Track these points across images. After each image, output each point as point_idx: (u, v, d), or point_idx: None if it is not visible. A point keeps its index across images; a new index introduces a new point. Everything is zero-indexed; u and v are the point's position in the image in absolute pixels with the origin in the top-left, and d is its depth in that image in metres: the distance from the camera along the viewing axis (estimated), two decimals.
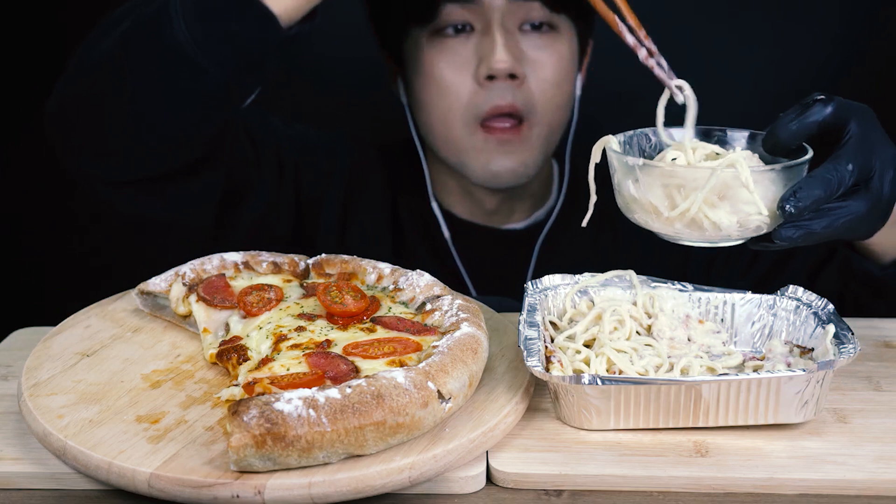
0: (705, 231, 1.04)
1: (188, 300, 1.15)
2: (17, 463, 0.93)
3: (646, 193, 1.06)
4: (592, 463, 0.92)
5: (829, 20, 2.18)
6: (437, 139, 1.62)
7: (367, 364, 0.96)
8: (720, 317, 1.13)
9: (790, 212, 0.99)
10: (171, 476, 0.85)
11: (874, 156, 1.03)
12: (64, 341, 1.12)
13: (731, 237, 1.05)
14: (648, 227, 1.10)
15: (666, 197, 1.05)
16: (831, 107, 1.03)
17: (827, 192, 1.00)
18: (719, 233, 1.04)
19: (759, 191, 1.01)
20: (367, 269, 1.19)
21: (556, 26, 1.56)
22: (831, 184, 1.00)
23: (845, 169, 1.01)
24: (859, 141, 1.03)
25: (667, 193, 1.05)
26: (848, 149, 1.02)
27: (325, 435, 0.84)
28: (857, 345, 0.97)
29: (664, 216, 1.05)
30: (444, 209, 1.73)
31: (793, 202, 0.99)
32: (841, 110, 1.04)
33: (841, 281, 1.45)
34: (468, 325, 1.02)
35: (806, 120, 1.03)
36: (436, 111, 1.58)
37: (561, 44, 1.57)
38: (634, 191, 1.07)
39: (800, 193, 0.99)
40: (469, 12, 1.50)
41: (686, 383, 0.94)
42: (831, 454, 0.94)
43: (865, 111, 1.07)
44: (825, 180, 1.00)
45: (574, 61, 1.62)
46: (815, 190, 0.99)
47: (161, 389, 1.02)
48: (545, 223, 1.73)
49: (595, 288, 1.15)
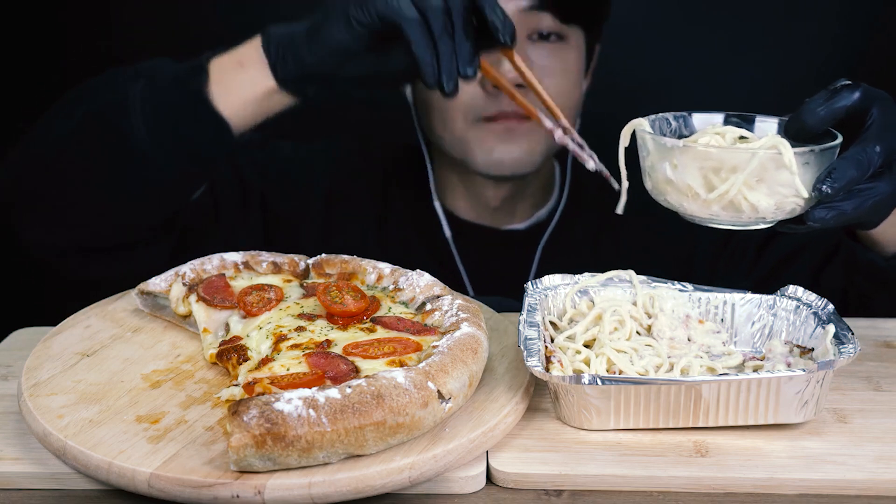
0: (742, 213, 1.05)
1: (188, 300, 1.15)
2: (17, 463, 0.93)
3: (683, 175, 1.06)
4: (592, 463, 0.92)
5: (828, 20, 2.19)
6: (441, 137, 1.63)
7: (367, 364, 0.96)
8: (720, 317, 1.13)
9: (826, 192, 1.01)
10: (171, 476, 0.85)
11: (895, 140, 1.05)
12: (64, 341, 1.12)
13: (765, 219, 1.06)
14: (682, 209, 1.09)
15: (702, 179, 1.05)
16: (859, 92, 1.04)
17: (860, 172, 1.02)
18: (756, 215, 1.05)
19: (801, 176, 1.02)
20: (367, 269, 1.19)
21: (565, 36, 1.57)
22: (862, 165, 1.02)
23: (874, 151, 1.03)
24: (883, 125, 1.04)
25: (703, 175, 1.05)
26: (874, 132, 1.04)
27: (325, 435, 0.84)
28: (857, 345, 0.97)
29: (701, 198, 1.05)
30: (447, 210, 1.74)
31: (829, 183, 1.00)
32: (866, 96, 1.05)
33: (846, 275, 1.45)
34: (468, 325, 1.02)
35: (834, 105, 1.04)
36: (441, 113, 1.59)
37: (569, 53, 1.58)
38: (671, 173, 1.07)
39: (835, 174, 1.01)
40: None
41: (686, 383, 0.94)
42: (831, 454, 0.94)
43: (886, 97, 1.08)
44: (858, 161, 1.02)
45: (581, 69, 1.64)
46: (849, 171, 1.01)
47: (161, 389, 1.02)
48: (546, 224, 1.73)
49: (595, 288, 1.15)
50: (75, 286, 1.53)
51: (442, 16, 1.13)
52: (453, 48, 1.14)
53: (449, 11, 1.14)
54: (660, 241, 1.65)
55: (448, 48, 1.14)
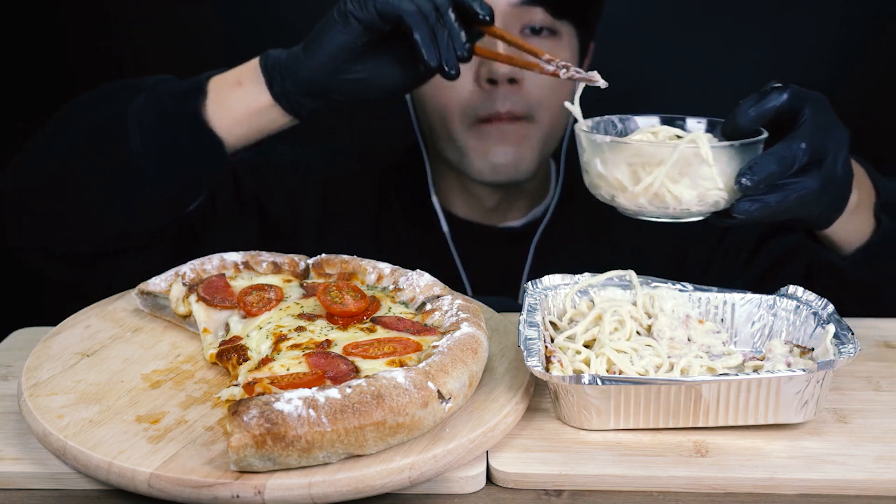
0: (667, 205, 1.12)
1: (188, 300, 1.15)
2: (17, 463, 0.93)
3: (612, 170, 1.14)
4: (592, 463, 0.92)
5: (826, 19, 2.19)
6: (437, 137, 1.64)
7: (367, 364, 0.96)
8: (720, 317, 1.13)
9: (746, 185, 1.07)
10: (171, 476, 0.85)
11: (828, 139, 1.11)
12: (64, 341, 1.12)
13: (691, 211, 1.13)
14: (614, 203, 1.17)
15: (631, 173, 1.12)
16: (787, 93, 1.10)
17: (781, 167, 1.08)
18: (680, 206, 1.12)
19: (717, 167, 1.09)
20: (367, 269, 1.19)
21: (557, 31, 1.59)
22: (785, 160, 1.08)
23: (799, 147, 1.09)
24: (813, 125, 1.10)
25: (632, 170, 1.12)
26: (802, 131, 1.10)
27: (325, 435, 0.84)
28: (857, 345, 0.97)
29: (629, 191, 1.13)
30: (444, 208, 1.75)
31: (749, 175, 1.07)
32: (796, 97, 1.11)
33: (810, 277, 1.46)
34: (468, 325, 1.02)
35: (764, 106, 1.10)
36: (436, 109, 1.60)
37: (562, 48, 1.60)
38: (602, 168, 1.15)
39: (755, 168, 1.07)
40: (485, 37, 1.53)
41: (686, 383, 0.94)
42: (831, 454, 0.94)
43: (820, 99, 1.14)
44: (779, 156, 1.08)
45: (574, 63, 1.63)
46: (769, 165, 1.08)
47: (161, 389, 1.02)
48: (542, 221, 1.74)
49: (595, 288, 1.15)
50: (75, 286, 1.53)
51: (433, 9, 1.20)
52: (449, 35, 1.20)
53: (436, 6, 1.20)
54: (653, 239, 1.67)
55: (444, 34, 1.20)
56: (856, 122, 2.27)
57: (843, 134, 1.15)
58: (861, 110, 2.19)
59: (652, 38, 2.21)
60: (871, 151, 2.23)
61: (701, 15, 2.20)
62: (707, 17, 2.20)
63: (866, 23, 2.19)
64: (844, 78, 2.19)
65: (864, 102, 2.18)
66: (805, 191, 1.10)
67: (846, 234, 1.31)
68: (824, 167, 1.11)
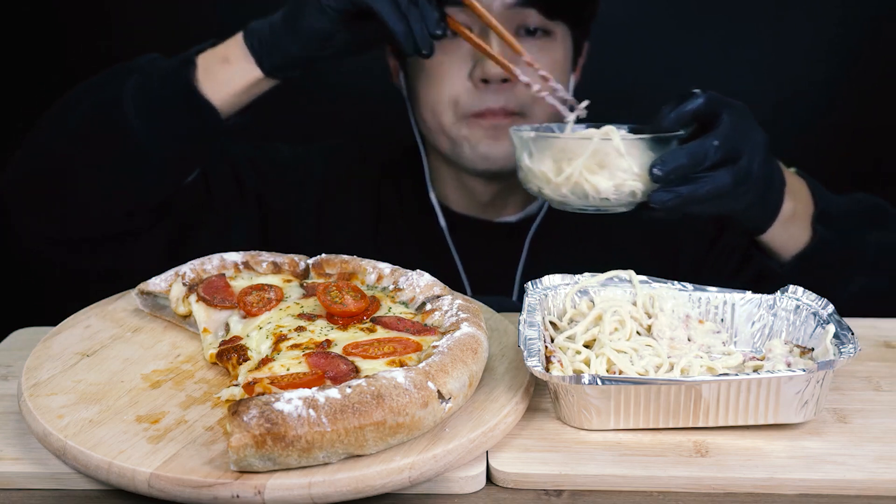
0: (588, 195, 1.23)
1: (188, 300, 1.15)
2: (17, 463, 0.93)
3: (538, 163, 1.26)
4: (592, 463, 0.92)
5: (824, 20, 2.18)
6: (431, 130, 1.66)
7: (367, 364, 0.96)
8: (720, 317, 1.13)
9: (657, 174, 1.17)
10: (171, 476, 0.85)
11: (745, 141, 1.21)
12: (64, 341, 1.12)
13: (611, 201, 1.23)
14: (541, 194, 1.28)
15: (555, 166, 1.24)
16: (703, 98, 1.20)
17: (691, 160, 1.18)
18: (599, 196, 1.23)
19: (634, 161, 1.20)
20: (367, 269, 1.19)
21: (551, 32, 1.60)
22: (696, 155, 1.18)
23: (711, 144, 1.18)
24: (730, 127, 1.20)
25: (555, 163, 1.24)
26: (718, 131, 1.19)
27: (325, 435, 0.84)
28: (857, 345, 0.97)
29: (552, 182, 1.24)
30: (441, 203, 1.77)
31: (659, 166, 1.17)
32: (712, 102, 1.21)
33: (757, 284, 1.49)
34: (468, 325, 1.02)
35: (682, 109, 1.21)
36: (430, 105, 1.62)
37: (555, 48, 1.61)
38: (528, 161, 1.27)
39: (666, 159, 1.17)
40: (468, 16, 1.55)
41: (686, 383, 0.94)
42: (831, 454, 0.94)
43: (739, 106, 1.23)
44: (691, 152, 1.18)
45: (568, 64, 1.66)
46: (680, 157, 1.18)
47: (161, 389, 1.02)
48: (536, 217, 1.76)
49: (595, 288, 1.15)
50: (75, 286, 1.53)
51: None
52: (420, 14, 1.25)
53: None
54: (645, 236, 1.68)
55: (416, 15, 1.25)
56: (854, 121, 2.27)
57: (760, 137, 1.23)
58: (858, 111, 2.19)
59: (648, 38, 2.21)
60: (870, 151, 2.23)
61: (697, 15, 2.20)
62: (704, 18, 2.20)
63: (863, 23, 2.19)
64: (841, 78, 2.19)
65: (862, 103, 2.19)
66: (717, 184, 1.19)
67: (783, 242, 1.39)
68: (738, 165, 1.20)
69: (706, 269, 1.70)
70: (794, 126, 2.20)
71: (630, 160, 1.20)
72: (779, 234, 1.37)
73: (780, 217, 1.34)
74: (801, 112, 2.20)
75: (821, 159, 2.20)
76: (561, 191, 1.24)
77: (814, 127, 2.20)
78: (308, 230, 1.74)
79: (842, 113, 2.20)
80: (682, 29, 2.20)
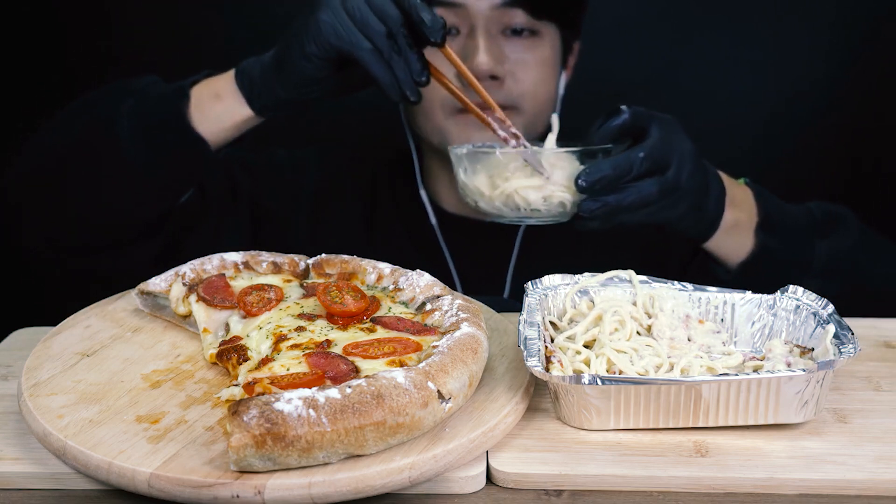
0: (519, 207, 1.30)
1: (188, 300, 1.15)
2: (17, 463, 0.93)
3: (472, 178, 1.33)
4: (592, 463, 0.92)
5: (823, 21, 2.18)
6: (421, 126, 1.68)
7: (367, 364, 0.96)
8: (720, 317, 1.13)
9: (581, 185, 1.23)
10: (171, 476, 0.85)
11: (672, 152, 1.26)
12: (64, 341, 1.12)
13: (541, 212, 1.30)
14: (477, 207, 1.35)
15: (488, 180, 1.31)
16: (628, 114, 1.26)
17: (615, 171, 1.23)
18: (530, 208, 1.30)
19: (563, 173, 1.28)
20: (367, 269, 1.19)
21: (538, 32, 1.61)
22: (620, 166, 1.23)
23: (636, 156, 1.24)
24: (658, 140, 1.25)
25: (489, 178, 1.31)
26: (645, 144, 1.25)
27: (325, 435, 0.84)
28: (857, 345, 0.97)
29: (486, 195, 1.31)
30: (433, 202, 1.79)
31: (583, 177, 1.23)
32: (639, 117, 1.27)
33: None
34: (468, 325, 1.02)
35: (609, 125, 1.27)
36: (422, 107, 1.63)
37: (543, 48, 1.62)
38: (464, 176, 1.35)
39: (590, 170, 1.23)
40: (455, 16, 1.58)
41: (686, 383, 0.94)
42: (831, 454, 0.94)
43: (668, 120, 1.29)
44: (615, 162, 1.24)
45: (556, 63, 1.67)
46: (604, 169, 1.23)
47: (161, 389, 1.02)
48: None
49: (595, 288, 1.15)
50: (75, 286, 1.54)
51: (387, 39, 1.25)
52: (404, 62, 1.26)
53: (391, 33, 1.24)
54: (637, 237, 1.68)
55: (400, 64, 1.26)
56: (854, 121, 2.27)
57: (688, 149, 1.28)
58: (858, 111, 2.19)
59: (646, 37, 2.21)
60: (870, 151, 2.23)
61: (694, 16, 2.19)
62: (703, 18, 2.20)
63: (864, 23, 2.19)
64: (842, 78, 2.19)
65: (862, 102, 2.18)
66: (642, 193, 1.24)
67: (728, 250, 1.45)
68: (665, 176, 1.25)
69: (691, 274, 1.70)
70: (794, 126, 2.20)
71: (560, 172, 1.28)
72: (723, 243, 1.42)
73: (723, 226, 1.39)
74: (802, 112, 2.20)
75: (821, 159, 2.21)
76: (495, 203, 1.32)
77: (814, 127, 2.20)
78: (301, 231, 1.75)
79: (842, 113, 2.20)
80: (680, 29, 2.20)
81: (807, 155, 2.21)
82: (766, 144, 2.22)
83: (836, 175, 2.22)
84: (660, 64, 2.20)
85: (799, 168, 2.20)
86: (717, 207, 1.38)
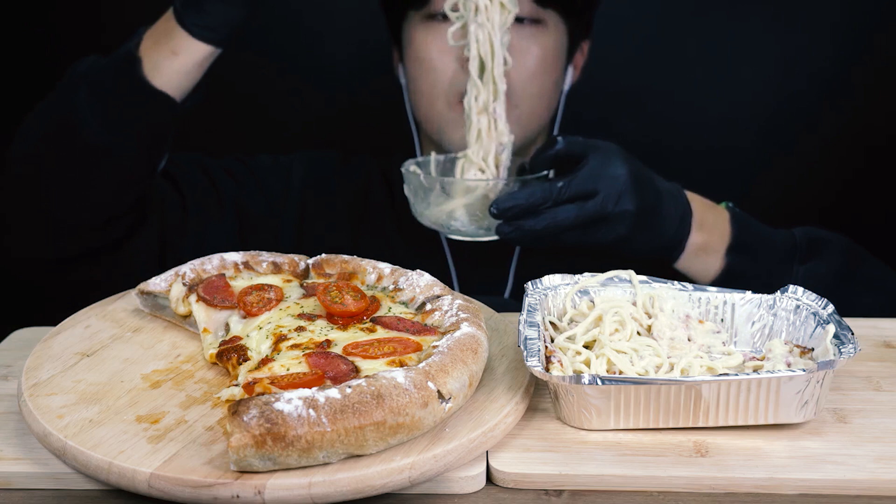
0: (451, 227, 1.40)
1: (188, 300, 1.15)
2: (17, 463, 0.93)
3: (413, 195, 1.44)
4: (592, 463, 0.92)
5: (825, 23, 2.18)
6: (421, 115, 1.68)
7: (367, 364, 0.96)
8: (720, 317, 1.13)
9: (492, 212, 1.31)
10: (171, 476, 0.85)
11: (601, 181, 1.30)
12: (64, 341, 1.12)
13: (468, 232, 1.40)
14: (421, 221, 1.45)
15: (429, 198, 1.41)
16: (562, 144, 1.34)
17: (529, 200, 1.29)
18: (460, 228, 1.40)
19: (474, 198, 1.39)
20: (367, 269, 1.19)
21: (542, 20, 1.61)
22: (535, 195, 1.29)
23: (555, 186, 1.29)
24: (589, 170, 1.30)
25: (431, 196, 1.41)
26: (574, 173, 1.30)
27: (325, 435, 0.84)
28: (857, 345, 0.97)
29: (424, 214, 1.43)
30: None
31: (495, 205, 1.31)
32: (575, 146, 1.34)
33: None
34: (468, 325, 1.02)
35: (545, 153, 1.36)
36: (421, 88, 1.64)
37: (546, 37, 1.61)
38: (407, 192, 1.45)
39: (501, 199, 1.31)
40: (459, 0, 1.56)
41: (686, 383, 0.94)
42: (831, 454, 0.94)
43: (606, 148, 1.33)
44: (529, 192, 1.30)
45: (560, 55, 1.66)
46: (517, 198, 1.30)
47: (161, 389, 1.02)
48: None
49: (595, 288, 1.15)
50: (75, 286, 1.54)
51: None
52: None
53: None
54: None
55: None
56: (854, 122, 2.27)
57: (622, 176, 1.31)
58: (860, 110, 2.19)
59: (654, 38, 2.21)
60: (870, 150, 2.23)
61: (692, 16, 2.19)
62: (701, 18, 2.20)
63: (867, 22, 2.19)
64: (844, 77, 2.19)
65: (865, 102, 2.18)
66: (556, 220, 1.30)
67: (697, 271, 1.48)
68: (589, 203, 1.30)
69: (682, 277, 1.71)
70: (794, 126, 2.20)
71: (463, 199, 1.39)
72: (692, 263, 1.46)
73: (690, 248, 1.43)
74: (802, 112, 2.20)
75: (821, 159, 2.21)
76: (431, 219, 1.42)
77: (814, 127, 2.20)
78: (285, 235, 1.75)
79: (842, 113, 2.19)
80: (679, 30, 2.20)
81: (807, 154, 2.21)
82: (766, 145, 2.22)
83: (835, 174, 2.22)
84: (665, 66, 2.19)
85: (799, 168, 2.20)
86: (678, 229, 1.41)
